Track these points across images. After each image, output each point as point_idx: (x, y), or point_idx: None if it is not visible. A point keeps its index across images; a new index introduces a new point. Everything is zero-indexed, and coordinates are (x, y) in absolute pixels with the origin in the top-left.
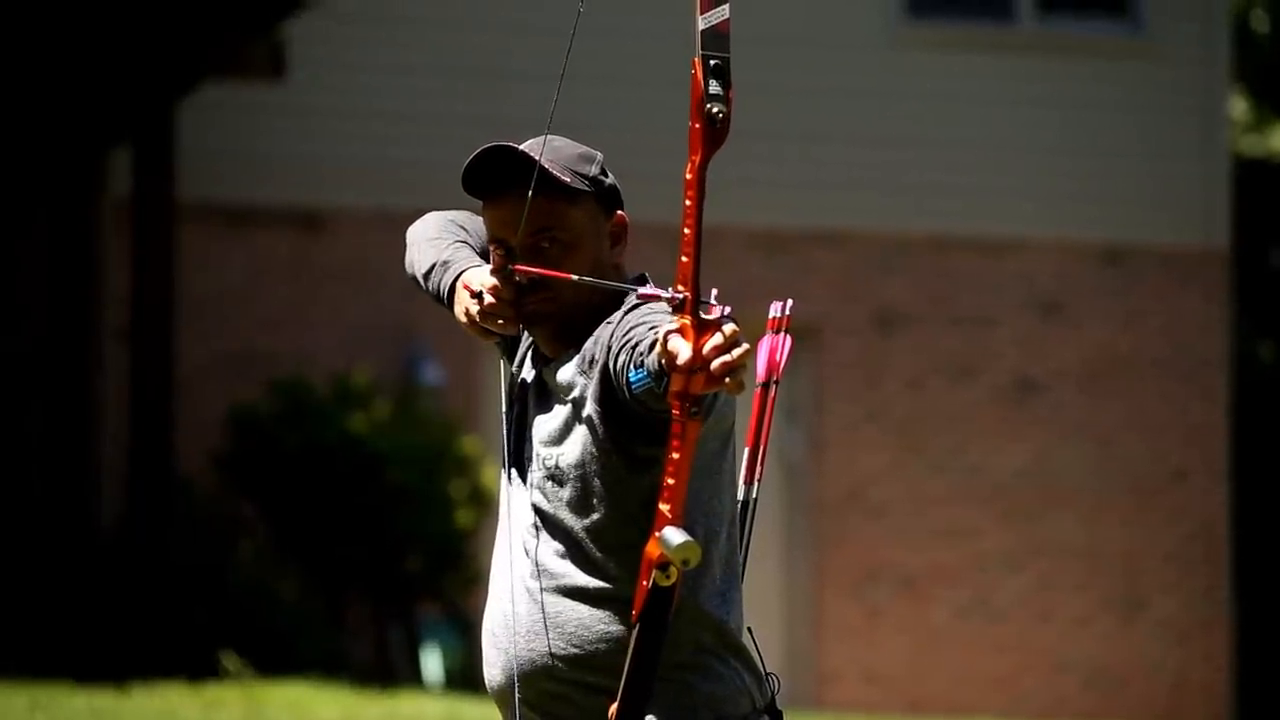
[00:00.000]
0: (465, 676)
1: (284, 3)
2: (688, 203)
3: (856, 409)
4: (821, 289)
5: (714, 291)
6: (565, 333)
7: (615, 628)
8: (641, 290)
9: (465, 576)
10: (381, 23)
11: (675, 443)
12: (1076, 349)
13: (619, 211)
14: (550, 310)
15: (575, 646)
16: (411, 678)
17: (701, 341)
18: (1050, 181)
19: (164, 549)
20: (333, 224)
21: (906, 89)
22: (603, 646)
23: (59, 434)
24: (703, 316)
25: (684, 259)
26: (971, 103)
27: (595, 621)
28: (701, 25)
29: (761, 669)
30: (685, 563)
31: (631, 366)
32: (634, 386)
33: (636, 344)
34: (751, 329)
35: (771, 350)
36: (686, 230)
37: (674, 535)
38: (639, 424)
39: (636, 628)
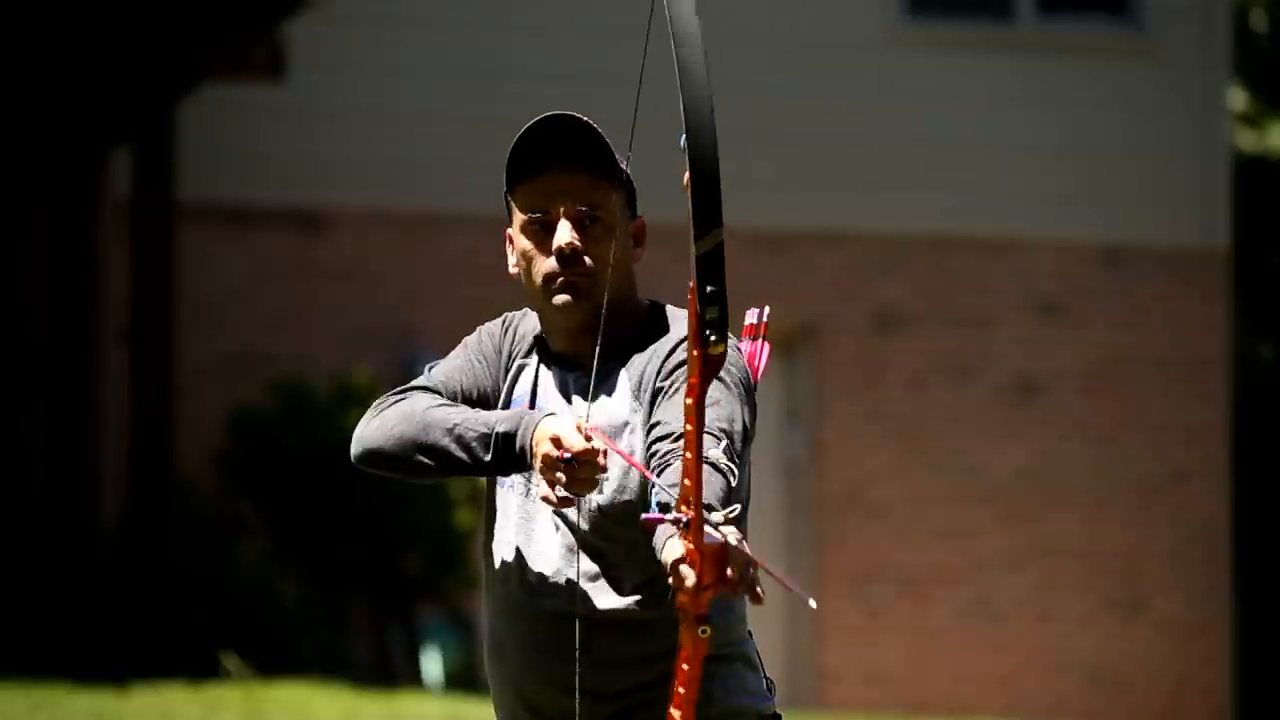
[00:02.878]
0: (465, 677)
1: (284, 3)
2: (688, 427)
3: (856, 409)
4: (821, 289)
5: (719, 522)
6: (591, 323)
7: (630, 642)
8: (645, 516)
9: (465, 576)
10: (381, 23)
11: (684, 654)
12: (1076, 349)
13: (639, 215)
14: (586, 285)
15: (588, 657)
16: (411, 678)
17: (708, 565)
18: (1050, 181)
19: (164, 549)
20: (333, 224)
21: (906, 89)
22: (615, 657)
23: (59, 434)
24: (708, 538)
25: (686, 482)
26: (971, 103)
27: (611, 634)
28: (697, 251)
29: (763, 673)
30: None
31: (651, 488)
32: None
33: (666, 437)
34: (734, 333)
35: (750, 356)
36: (688, 455)
37: None
38: None
39: None
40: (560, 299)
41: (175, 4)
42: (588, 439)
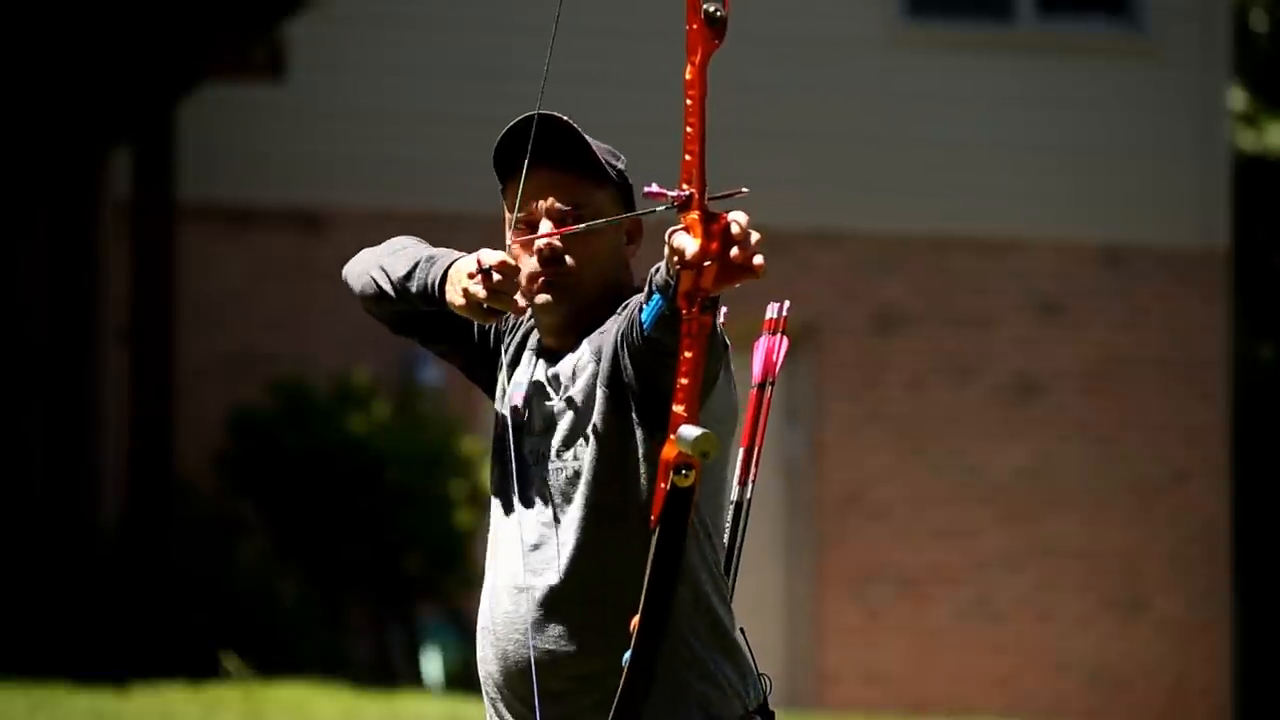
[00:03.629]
0: (465, 677)
1: (284, 3)
2: (689, 101)
3: (856, 409)
4: (821, 289)
5: (739, 190)
6: (575, 320)
7: (615, 626)
8: (647, 189)
9: (465, 576)
10: (381, 23)
11: (687, 341)
12: (1076, 349)
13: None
14: (568, 284)
15: (576, 644)
16: (411, 678)
17: (711, 235)
18: (1050, 181)
19: (164, 549)
20: (333, 224)
21: (906, 89)
22: (601, 643)
23: (59, 434)
24: (708, 209)
25: (688, 157)
26: (971, 103)
27: (594, 619)
28: None
29: (754, 669)
30: (705, 455)
31: (641, 306)
32: (646, 323)
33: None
34: (750, 329)
35: (768, 351)
36: (689, 129)
37: (690, 431)
38: (645, 408)
39: (655, 532)
40: (541, 298)
41: (175, 4)
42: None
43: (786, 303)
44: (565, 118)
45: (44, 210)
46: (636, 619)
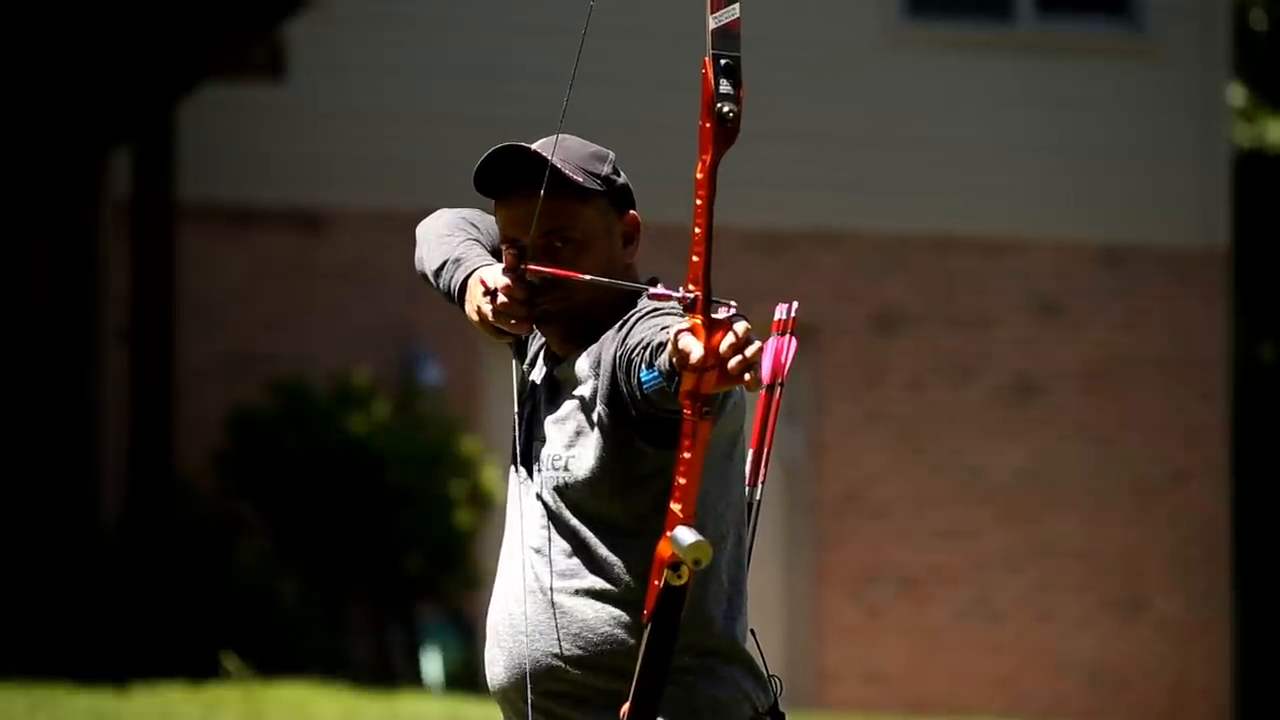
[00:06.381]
0: (465, 677)
1: (284, 3)
2: (698, 202)
3: (856, 409)
4: (821, 289)
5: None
6: (577, 333)
7: (620, 630)
8: (653, 290)
9: (465, 577)
10: (381, 23)
11: (686, 442)
12: (1076, 349)
13: (631, 211)
14: (563, 310)
15: (580, 648)
16: (411, 678)
17: (714, 340)
18: (1050, 181)
19: (164, 549)
20: (333, 224)
21: (906, 89)
22: (607, 648)
23: (59, 434)
24: (714, 316)
25: (694, 258)
26: (971, 103)
27: (600, 624)
28: (712, 24)
29: (764, 672)
30: (697, 562)
31: (643, 366)
32: (645, 386)
33: (648, 344)
34: (758, 330)
35: (777, 352)
36: (697, 229)
37: (686, 535)
38: (647, 427)
39: (648, 628)
40: (537, 320)
41: (175, 4)
42: (522, 283)
43: (795, 304)
44: (534, 147)
45: (44, 210)
46: (626, 707)
